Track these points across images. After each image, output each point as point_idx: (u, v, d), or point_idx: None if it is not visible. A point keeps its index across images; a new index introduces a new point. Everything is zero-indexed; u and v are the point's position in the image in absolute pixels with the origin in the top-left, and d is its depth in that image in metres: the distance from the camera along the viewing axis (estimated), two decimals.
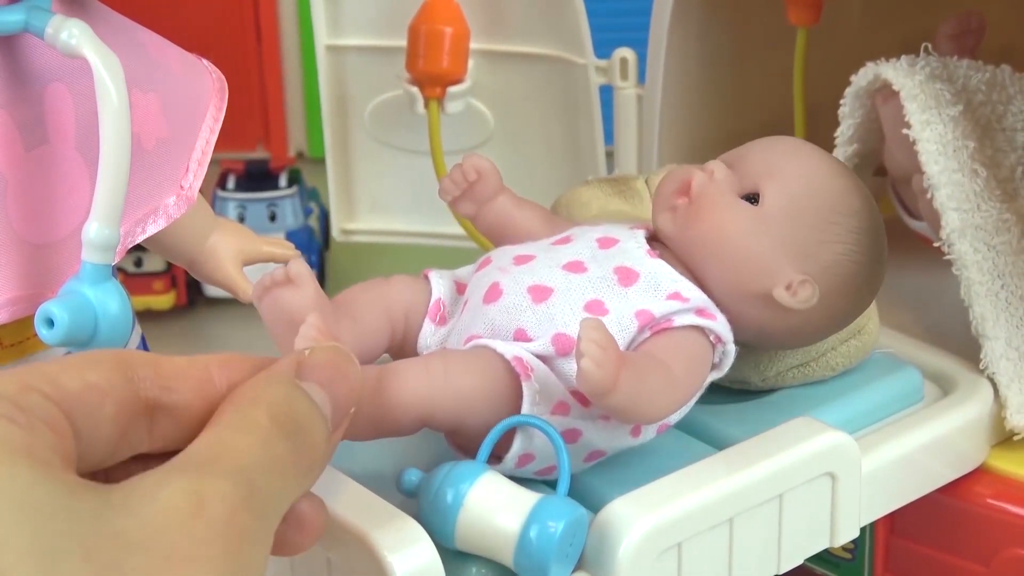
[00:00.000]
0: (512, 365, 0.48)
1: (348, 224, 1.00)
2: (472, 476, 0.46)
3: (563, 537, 0.45)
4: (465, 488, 0.46)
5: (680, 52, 0.86)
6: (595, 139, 0.92)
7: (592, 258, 0.52)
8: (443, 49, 0.89)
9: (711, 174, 0.53)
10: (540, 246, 0.54)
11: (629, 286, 0.51)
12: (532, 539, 0.45)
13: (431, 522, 0.46)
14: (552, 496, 0.46)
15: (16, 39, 0.51)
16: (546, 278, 0.51)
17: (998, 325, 0.65)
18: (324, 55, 0.94)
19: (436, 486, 0.46)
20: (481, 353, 0.49)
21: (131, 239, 0.55)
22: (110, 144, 0.49)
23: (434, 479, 0.46)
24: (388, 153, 0.98)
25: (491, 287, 0.51)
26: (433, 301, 0.53)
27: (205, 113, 0.58)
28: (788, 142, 0.55)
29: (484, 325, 0.51)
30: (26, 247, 0.51)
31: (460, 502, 0.45)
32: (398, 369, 0.48)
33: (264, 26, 1.17)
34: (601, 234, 0.54)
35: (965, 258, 0.66)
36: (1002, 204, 0.68)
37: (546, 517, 0.45)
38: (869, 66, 0.73)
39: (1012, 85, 0.73)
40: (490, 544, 0.46)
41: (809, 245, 0.53)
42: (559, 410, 0.49)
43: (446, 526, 0.46)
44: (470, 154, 0.57)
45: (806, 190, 0.53)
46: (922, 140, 0.68)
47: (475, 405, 0.48)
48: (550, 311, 0.50)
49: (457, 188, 0.56)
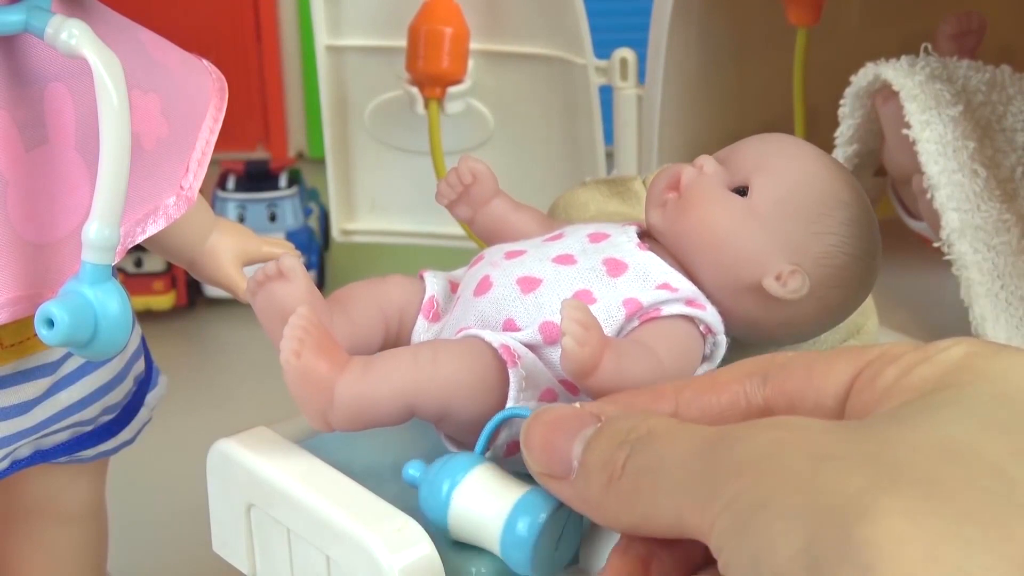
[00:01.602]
0: (499, 352, 0.49)
1: (348, 224, 1.00)
2: (465, 468, 0.46)
3: (546, 528, 0.45)
4: (459, 479, 0.46)
5: (680, 52, 0.86)
6: (595, 139, 0.92)
7: (582, 251, 0.53)
8: (443, 49, 0.89)
9: (700, 168, 0.53)
10: (532, 243, 0.54)
11: (618, 276, 0.51)
12: (516, 530, 0.45)
13: (428, 512, 0.46)
14: (540, 488, 0.46)
15: (16, 39, 0.51)
16: (536, 270, 0.52)
17: (998, 325, 0.65)
18: (324, 55, 0.94)
19: (431, 477, 0.46)
20: (469, 342, 0.50)
21: (131, 239, 0.55)
22: (110, 144, 0.49)
23: (430, 470, 0.47)
24: (388, 153, 0.98)
25: (482, 280, 0.52)
26: (427, 298, 0.53)
27: (205, 113, 0.58)
28: (779, 138, 0.55)
29: (475, 317, 0.51)
30: (26, 247, 0.51)
31: (451, 493, 0.46)
32: (386, 355, 0.49)
33: (264, 26, 1.17)
34: (593, 230, 0.54)
35: (965, 258, 0.66)
36: (1002, 204, 0.68)
37: (531, 508, 0.45)
38: (869, 66, 0.73)
39: (1012, 85, 0.73)
40: (480, 535, 0.46)
41: (799, 236, 0.53)
42: (546, 397, 0.50)
43: (441, 516, 0.46)
44: (466, 156, 0.57)
45: (796, 182, 0.53)
46: (922, 140, 0.68)
47: (461, 391, 0.49)
48: (538, 300, 0.51)
49: (453, 192, 0.56)
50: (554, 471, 0.40)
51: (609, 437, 0.39)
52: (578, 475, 0.39)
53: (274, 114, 1.21)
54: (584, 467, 0.39)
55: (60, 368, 0.56)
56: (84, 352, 0.50)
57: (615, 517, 0.38)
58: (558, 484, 0.40)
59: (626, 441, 0.38)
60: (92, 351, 0.50)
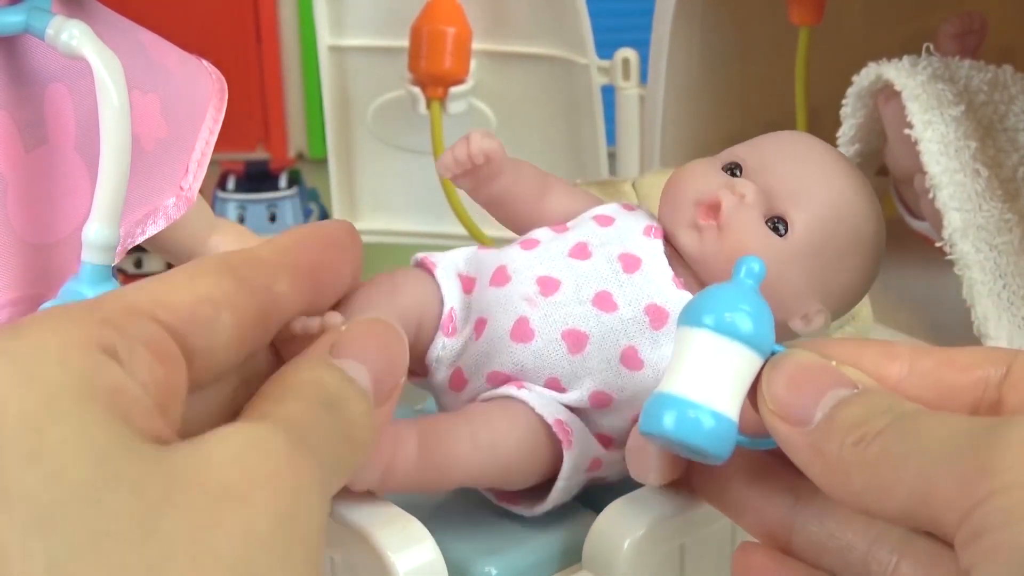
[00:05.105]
0: (555, 431, 0.49)
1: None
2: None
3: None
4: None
5: (682, 52, 0.86)
6: (597, 139, 0.92)
7: (618, 285, 0.50)
8: (445, 49, 0.89)
9: (742, 198, 0.50)
10: (563, 266, 0.51)
11: (659, 329, 0.50)
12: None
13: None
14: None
15: (16, 40, 0.51)
16: (579, 321, 0.50)
17: (1000, 325, 0.65)
18: (327, 55, 0.94)
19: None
20: (522, 416, 0.49)
21: (131, 240, 0.55)
22: (110, 145, 0.49)
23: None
24: (390, 153, 0.98)
25: (518, 322, 0.50)
26: (446, 313, 0.51)
27: (205, 114, 0.58)
28: (815, 154, 0.52)
29: (512, 364, 0.50)
30: (26, 248, 0.51)
31: None
32: (440, 437, 0.47)
33: (264, 26, 1.17)
34: (621, 250, 0.51)
35: (967, 258, 0.66)
36: (1004, 204, 0.68)
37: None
38: (871, 66, 0.73)
39: (1014, 85, 0.73)
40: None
41: (828, 276, 0.51)
42: (593, 467, 0.50)
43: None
44: (477, 132, 0.53)
45: (834, 220, 0.51)
46: (924, 140, 0.68)
47: (521, 470, 0.49)
48: (587, 364, 0.50)
49: (459, 168, 0.53)
50: (790, 414, 0.39)
51: (871, 402, 0.38)
52: (819, 426, 0.39)
53: (274, 114, 1.20)
54: (831, 421, 0.38)
55: None
56: None
57: (844, 479, 0.38)
58: (788, 428, 0.39)
59: (889, 411, 0.38)
60: None
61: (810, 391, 0.40)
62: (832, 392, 0.39)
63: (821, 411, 0.39)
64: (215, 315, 0.35)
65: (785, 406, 0.40)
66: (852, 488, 0.38)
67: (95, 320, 0.32)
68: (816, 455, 0.39)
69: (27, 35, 0.50)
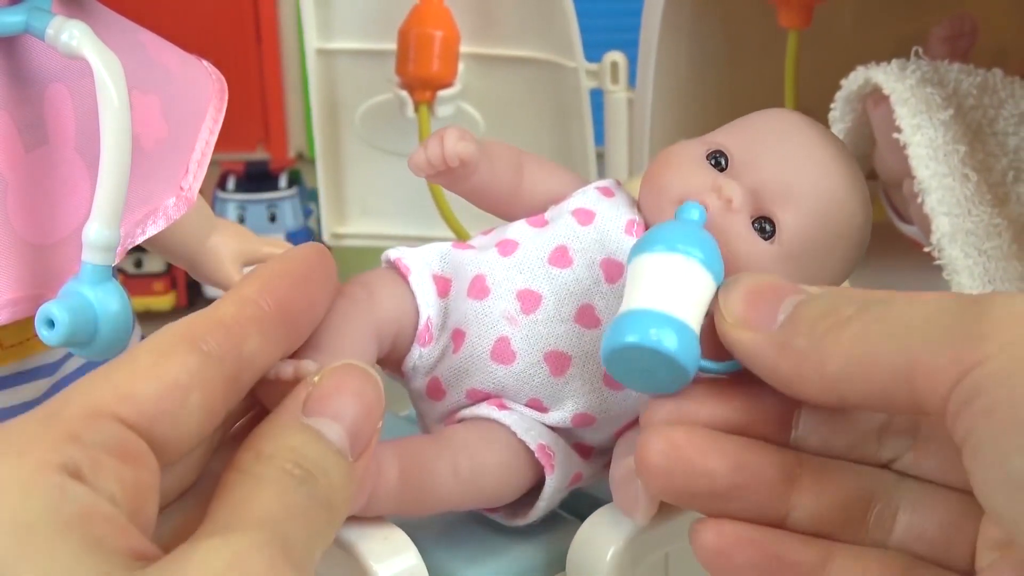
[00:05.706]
0: (537, 457, 0.49)
1: (338, 228, 1.00)
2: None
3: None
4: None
5: (671, 55, 0.86)
6: (586, 143, 0.92)
7: (600, 296, 0.49)
8: (433, 53, 0.89)
9: (728, 203, 0.49)
10: (543, 276, 0.50)
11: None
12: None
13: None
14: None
15: (16, 40, 0.51)
16: (561, 342, 0.49)
17: None
18: (314, 59, 0.94)
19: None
20: (504, 442, 0.49)
21: (131, 240, 0.55)
22: (110, 145, 0.49)
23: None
24: (378, 157, 0.98)
25: (499, 342, 0.49)
26: (422, 324, 0.50)
27: (205, 114, 0.58)
28: (803, 140, 0.51)
29: (492, 384, 0.49)
30: (26, 248, 0.51)
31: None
32: (422, 465, 0.47)
33: (264, 27, 1.17)
34: (602, 255, 0.50)
35: (956, 263, 0.66)
36: (993, 209, 0.68)
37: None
38: (859, 70, 0.73)
39: (1003, 89, 0.73)
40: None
41: (813, 272, 0.51)
42: (574, 482, 0.50)
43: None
44: (451, 133, 0.51)
45: (820, 219, 0.50)
46: (913, 144, 0.68)
47: (502, 495, 0.49)
48: (569, 385, 0.49)
49: (432, 170, 0.52)
50: (750, 322, 0.39)
51: (834, 295, 0.38)
52: (783, 326, 0.39)
53: (274, 115, 1.20)
54: (796, 317, 0.38)
55: (60, 369, 0.56)
56: (84, 352, 0.50)
57: (818, 367, 0.37)
58: (750, 334, 0.39)
59: (855, 301, 0.38)
60: (92, 351, 0.50)
61: (769, 299, 0.40)
62: (790, 298, 0.39)
63: (784, 313, 0.39)
64: (183, 399, 0.34)
65: (745, 318, 0.40)
66: (827, 375, 0.37)
67: (53, 439, 0.32)
68: (784, 354, 0.38)
69: (27, 35, 0.50)
